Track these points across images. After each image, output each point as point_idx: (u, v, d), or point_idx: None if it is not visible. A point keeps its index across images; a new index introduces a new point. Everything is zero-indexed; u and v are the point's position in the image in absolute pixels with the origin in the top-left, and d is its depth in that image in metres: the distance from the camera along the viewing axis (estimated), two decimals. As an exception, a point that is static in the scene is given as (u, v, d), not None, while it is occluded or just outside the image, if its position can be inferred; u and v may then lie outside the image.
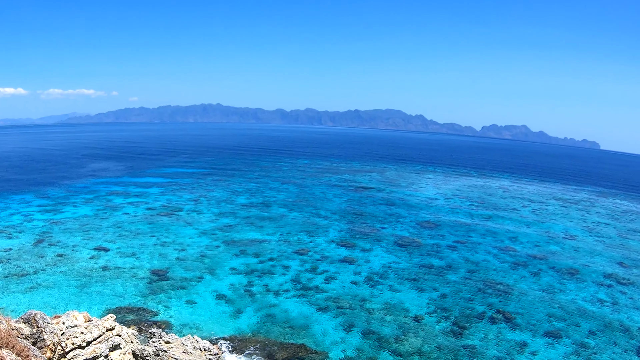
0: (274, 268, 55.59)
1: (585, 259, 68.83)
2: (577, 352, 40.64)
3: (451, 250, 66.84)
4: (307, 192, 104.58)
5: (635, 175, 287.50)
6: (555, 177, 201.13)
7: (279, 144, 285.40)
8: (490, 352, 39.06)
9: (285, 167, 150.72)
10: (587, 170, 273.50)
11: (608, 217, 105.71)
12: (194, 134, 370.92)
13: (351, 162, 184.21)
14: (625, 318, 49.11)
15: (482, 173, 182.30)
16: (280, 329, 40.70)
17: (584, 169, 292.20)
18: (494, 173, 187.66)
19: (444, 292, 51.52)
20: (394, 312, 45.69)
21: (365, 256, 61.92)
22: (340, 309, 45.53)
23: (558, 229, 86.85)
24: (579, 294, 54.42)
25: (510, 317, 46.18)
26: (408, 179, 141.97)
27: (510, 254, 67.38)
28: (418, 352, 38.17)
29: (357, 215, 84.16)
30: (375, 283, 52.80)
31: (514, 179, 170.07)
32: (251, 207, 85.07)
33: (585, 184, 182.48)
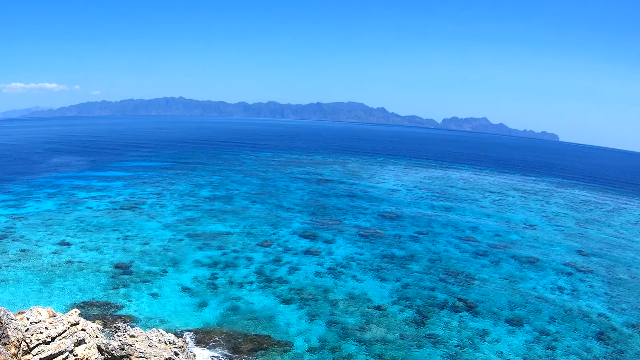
0: (238, 260, 55.45)
1: (545, 248, 69.96)
2: (538, 338, 41.34)
3: (413, 241, 67.37)
4: (269, 184, 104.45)
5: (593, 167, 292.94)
6: (515, 168, 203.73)
7: (241, 136, 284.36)
8: (453, 340, 39.52)
9: (248, 160, 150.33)
10: (546, 162, 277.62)
11: (567, 207, 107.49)
12: (157, 128, 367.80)
13: (313, 154, 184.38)
14: (585, 305, 50.05)
15: (443, 165, 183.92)
16: (245, 320, 40.67)
17: (543, 160, 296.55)
18: (455, 164, 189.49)
19: (407, 281, 51.95)
20: (357, 302, 45.93)
21: (328, 247, 62.10)
22: (304, 300, 45.62)
23: (518, 219, 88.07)
24: (540, 282, 55.32)
25: (472, 305, 46.76)
26: (370, 170, 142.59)
27: (471, 244, 68.18)
28: (382, 340, 38.48)
29: (320, 207, 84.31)
30: (338, 274, 53.01)
31: (474, 170, 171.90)
32: (214, 200, 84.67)
33: (545, 175, 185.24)
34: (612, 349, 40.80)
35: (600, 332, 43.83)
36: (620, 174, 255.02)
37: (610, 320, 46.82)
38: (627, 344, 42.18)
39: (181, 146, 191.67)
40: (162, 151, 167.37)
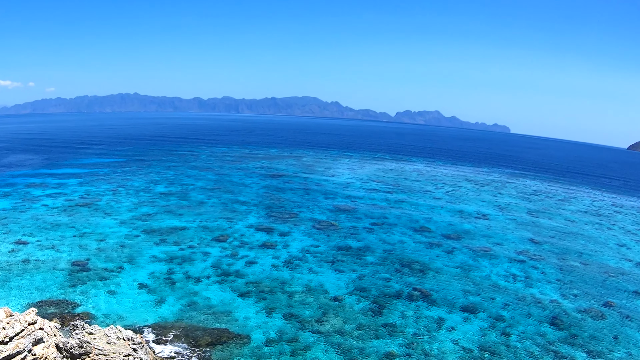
0: (194, 255, 55.12)
1: (498, 237, 71.15)
2: (493, 325, 42.07)
3: (368, 232, 67.85)
4: (225, 179, 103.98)
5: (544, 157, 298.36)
6: (467, 160, 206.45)
7: (196, 132, 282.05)
8: (410, 329, 39.95)
9: (203, 155, 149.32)
10: (498, 153, 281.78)
11: (519, 198, 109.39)
12: (112, 124, 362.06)
13: (268, 148, 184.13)
14: (538, 292, 51.13)
15: (397, 157, 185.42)
16: (203, 315, 40.49)
17: (495, 152, 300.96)
18: (408, 157, 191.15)
19: (363, 273, 52.32)
20: (314, 294, 46.10)
21: (284, 240, 62.14)
22: (261, 293, 45.61)
23: (471, 209, 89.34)
24: (493, 271, 56.27)
25: (427, 294, 47.34)
26: (325, 164, 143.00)
27: (425, 235, 68.95)
28: (339, 331, 38.68)
29: (275, 200, 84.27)
30: (295, 266, 53.11)
31: (427, 163, 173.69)
32: (170, 196, 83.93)
33: (497, 166, 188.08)
34: (566, 333, 41.78)
35: (553, 317, 44.81)
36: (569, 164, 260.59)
37: (562, 305, 47.89)
38: (580, 327, 43.24)
39: (136, 142, 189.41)
40: (117, 148, 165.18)
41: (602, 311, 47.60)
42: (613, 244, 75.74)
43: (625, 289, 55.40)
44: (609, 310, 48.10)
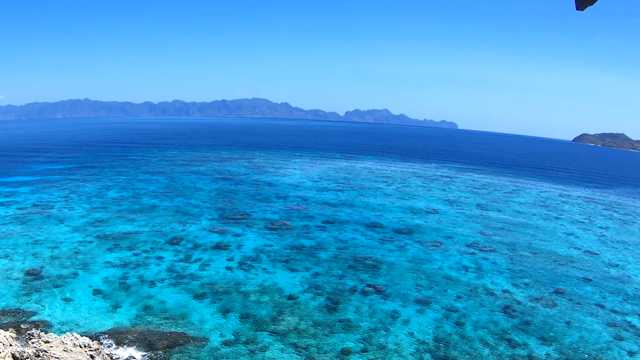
0: (148, 259, 54.40)
1: (449, 230, 72.00)
2: (446, 316, 42.58)
3: (320, 231, 67.98)
4: (177, 182, 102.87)
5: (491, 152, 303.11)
6: (416, 156, 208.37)
7: (147, 136, 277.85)
8: (365, 323, 40.18)
9: (155, 159, 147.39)
10: (446, 149, 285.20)
11: (468, 191, 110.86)
12: (63, 131, 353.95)
13: (219, 151, 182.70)
14: (490, 282, 51.90)
15: (347, 156, 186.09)
16: (159, 318, 40.03)
17: (444, 147, 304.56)
18: (359, 155, 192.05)
19: (316, 270, 52.37)
20: (269, 293, 45.97)
21: (237, 241, 61.81)
22: (216, 295, 45.30)
23: (421, 204, 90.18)
24: (445, 263, 56.88)
25: (380, 289, 47.65)
26: (276, 164, 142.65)
27: (377, 231, 69.39)
28: (295, 329, 38.68)
29: (228, 202, 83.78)
30: (249, 267, 52.86)
31: (377, 160, 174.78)
32: (122, 201, 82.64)
33: (445, 161, 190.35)
34: (518, 321, 42.52)
35: (506, 306, 45.54)
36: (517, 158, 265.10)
37: (514, 295, 48.70)
38: (532, 315, 44.05)
39: (88, 148, 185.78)
40: (69, 154, 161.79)
41: (553, 298, 48.61)
42: (561, 233, 77.39)
43: (575, 275, 56.62)
44: (560, 297, 49.15)
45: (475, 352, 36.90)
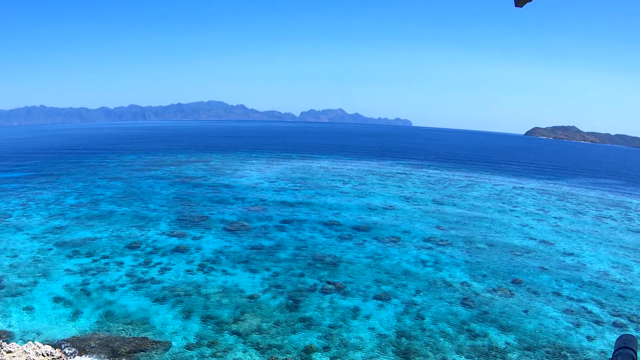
0: (108, 265, 53.65)
1: (406, 225, 72.57)
2: (406, 310, 42.96)
3: (279, 231, 67.91)
4: (134, 186, 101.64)
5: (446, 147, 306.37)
6: (372, 154, 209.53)
7: (104, 142, 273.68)
8: (326, 321, 40.29)
9: (112, 164, 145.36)
10: (401, 146, 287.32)
11: (423, 187, 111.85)
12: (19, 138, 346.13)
13: (176, 154, 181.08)
14: (448, 275, 52.47)
15: (303, 156, 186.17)
16: (121, 324, 39.55)
17: (399, 145, 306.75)
18: (315, 155, 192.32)
19: (276, 270, 52.31)
20: (230, 294, 45.80)
21: (197, 244, 61.40)
22: (177, 298, 44.95)
23: (378, 201, 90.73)
24: (403, 258, 57.34)
25: (340, 286, 47.82)
26: (233, 166, 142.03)
27: (335, 229, 69.62)
28: (257, 329, 38.62)
29: (186, 205, 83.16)
30: (209, 269, 52.57)
31: (333, 159, 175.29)
32: (80, 207, 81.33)
33: (401, 158, 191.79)
34: (477, 312, 43.09)
35: (464, 298, 46.11)
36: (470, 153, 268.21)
37: (472, 287, 49.33)
38: (491, 305, 44.69)
39: (44, 156, 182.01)
40: (25, 162, 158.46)
41: (511, 289, 49.36)
42: (516, 224, 78.61)
43: (531, 265, 57.58)
44: (517, 287, 49.95)
45: (437, 343, 37.32)
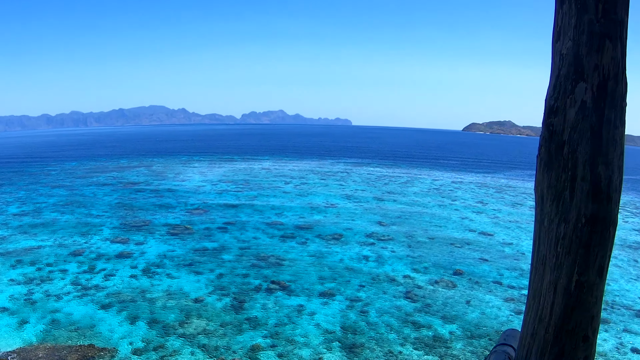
0: (52, 273, 52.38)
1: (348, 223, 73.05)
2: (351, 305, 43.24)
3: (222, 232, 67.54)
4: (77, 193, 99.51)
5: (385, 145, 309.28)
6: (312, 154, 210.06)
7: (46, 149, 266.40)
8: (272, 319, 40.29)
9: (54, 172, 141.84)
10: (341, 145, 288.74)
11: (364, 184, 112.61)
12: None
13: (118, 159, 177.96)
14: (390, 269, 53.00)
15: (245, 157, 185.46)
16: (67, 332, 38.71)
17: (339, 144, 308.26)
18: (256, 156, 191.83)
19: (220, 272, 52.03)
20: (175, 298, 45.36)
21: (140, 249, 60.58)
22: (122, 303, 44.25)
23: (320, 199, 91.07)
24: (346, 255, 57.71)
25: (285, 285, 47.86)
26: (175, 170, 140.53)
27: (278, 228, 69.60)
28: (204, 331, 38.41)
29: (129, 210, 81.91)
30: (153, 273, 51.93)
31: (275, 160, 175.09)
32: (23, 216, 79.13)
33: (341, 157, 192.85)
34: (421, 304, 43.64)
35: (407, 291, 46.64)
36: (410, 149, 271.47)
37: (415, 279, 49.94)
38: (433, 298, 45.29)
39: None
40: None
41: (453, 280, 50.12)
42: (456, 217, 79.82)
43: (472, 256, 58.58)
44: (459, 278, 50.76)
45: (382, 336, 37.70)
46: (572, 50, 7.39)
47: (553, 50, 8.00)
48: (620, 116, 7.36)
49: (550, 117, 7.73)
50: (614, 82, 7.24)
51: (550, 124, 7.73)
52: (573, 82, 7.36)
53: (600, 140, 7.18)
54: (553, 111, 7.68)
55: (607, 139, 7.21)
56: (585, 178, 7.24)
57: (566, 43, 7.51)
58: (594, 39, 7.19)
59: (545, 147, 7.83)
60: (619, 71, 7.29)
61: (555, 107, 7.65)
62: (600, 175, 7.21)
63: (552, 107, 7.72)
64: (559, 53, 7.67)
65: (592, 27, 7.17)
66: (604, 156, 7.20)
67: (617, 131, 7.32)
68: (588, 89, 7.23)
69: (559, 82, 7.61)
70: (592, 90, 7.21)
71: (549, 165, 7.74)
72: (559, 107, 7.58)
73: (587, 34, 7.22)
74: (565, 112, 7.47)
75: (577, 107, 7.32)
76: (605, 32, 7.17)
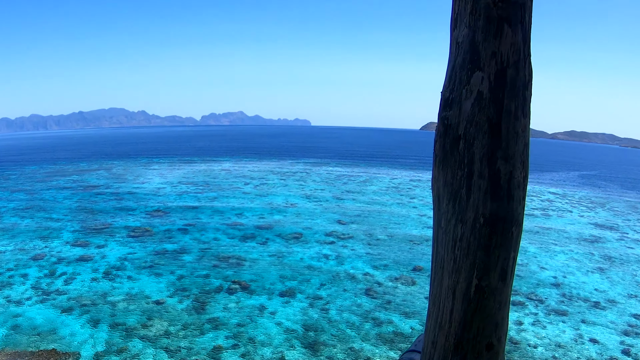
0: (13, 279, 51.27)
1: (307, 222, 73.02)
2: (312, 304, 43.20)
3: (183, 234, 66.95)
4: (37, 197, 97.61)
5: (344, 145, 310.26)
6: (272, 154, 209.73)
7: (5, 153, 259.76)
8: (233, 320, 40.06)
9: (14, 176, 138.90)
10: (301, 145, 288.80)
11: (324, 184, 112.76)
12: None
13: (78, 163, 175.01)
14: (350, 267, 53.06)
15: (205, 159, 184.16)
16: (29, 337, 37.89)
17: (298, 144, 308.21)
18: (216, 157, 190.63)
19: (181, 273, 51.55)
20: (137, 300, 44.77)
21: (101, 252, 59.66)
22: (84, 307, 43.50)
23: (279, 199, 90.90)
24: (306, 254, 57.65)
25: (246, 285, 47.63)
26: (135, 172, 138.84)
27: (238, 229, 69.25)
28: (165, 333, 37.99)
29: (89, 213, 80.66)
30: (114, 276, 51.19)
31: (235, 161, 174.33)
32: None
33: (301, 157, 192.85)
34: (381, 301, 43.78)
35: (367, 288, 46.78)
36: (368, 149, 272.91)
37: (375, 277, 50.12)
38: (393, 294, 45.47)
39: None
40: None
41: (412, 276, 50.39)
42: (414, 215, 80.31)
43: (430, 253, 58.79)
44: (418, 275, 51.05)
45: (343, 334, 37.73)
46: (468, 37, 6.81)
47: (450, 39, 7.39)
48: (523, 107, 6.76)
49: (445, 110, 7.13)
50: (514, 70, 6.64)
51: (445, 118, 7.13)
52: (469, 72, 6.79)
53: (499, 134, 6.63)
54: (448, 104, 7.12)
55: (507, 131, 6.66)
56: (483, 175, 6.72)
57: (462, 30, 6.93)
58: (491, 24, 6.61)
59: (440, 142, 7.24)
60: (520, 58, 6.71)
61: (450, 99, 7.08)
62: (499, 171, 6.67)
63: (447, 100, 7.15)
64: (455, 41, 7.12)
65: (489, 11, 6.55)
66: (504, 150, 6.64)
67: (518, 123, 6.79)
68: (485, 78, 6.66)
69: (454, 73, 7.04)
70: (490, 79, 6.64)
71: (445, 162, 7.18)
72: (454, 99, 7.02)
73: (484, 19, 6.65)
74: (460, 105, 6.90)
75: (473, 99, 6.76)
76: (504, 16, 6.57)
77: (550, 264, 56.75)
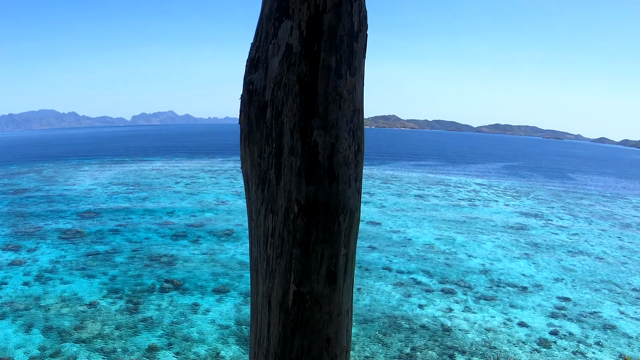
0: (-59, 286, 49.62)
1: (238, 219, 72.71)
2: (244, 300, 43.18)
3: (114, 235, 65.79)
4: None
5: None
6: (203, 153, 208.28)
7: None
8: (167, 318, 39.77)
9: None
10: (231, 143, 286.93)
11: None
12: None
13: (8, 166, 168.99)
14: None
15: (136, 159, 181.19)
16: (-40, 345, 36.85)
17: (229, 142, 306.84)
18: (147, 157, 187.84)
19: (114, 274, 50.74)
20: (70, 303, 43.84)
21: (32, 256, 58.06)
22: (16, 312, 42.33)
23: (211, 197, 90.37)
24: (238, 250, 57.52)
25: (179, 284, 47.25)
26: (66, 174, 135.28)
27: (169, 228, 68.53)
28: (99, 335, 37.40)
29: (20, 217, 78.20)
30: (46, 280, 49.96)
31: (165, 160, 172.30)
32: None
33: (231, 155, 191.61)
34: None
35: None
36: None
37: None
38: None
39: None
40: None
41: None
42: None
43: (361, 246, 58.77)
44: (349, 268, 51.64)
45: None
46: None
47: None
48: (349, 62, 5.09)
49: (250, 74, 5.48)
50: (333, 16, 4.92)
51: (249, 82, 5.44)
52: (276, 22, 5.12)
53: (314, 96, 4.97)
54: (254, 64, 5.44)
55: (325, 93, 4.98)
56: (295, 150, 5.04)
57: None
58: None
59: (245, 113, 5.47)
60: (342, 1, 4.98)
61: (256, 58, 5.43)
62: (316, 144, 4.97)
63: (252, 60, 5.48)
64: None
65: None
66: (322, 118, 4.98)
67: (342, 82, 5.06)
68: (294, 27, 4.98)
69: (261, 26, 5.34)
70: (300, 28, 4.95)
71: (251, 138, 5.48)
72: (260, 58, 5.35)
73: None
74: (267, 64, 5.23)
75: (281, 55, 5.09)
76: None
77: (478, 252, 58.29)
